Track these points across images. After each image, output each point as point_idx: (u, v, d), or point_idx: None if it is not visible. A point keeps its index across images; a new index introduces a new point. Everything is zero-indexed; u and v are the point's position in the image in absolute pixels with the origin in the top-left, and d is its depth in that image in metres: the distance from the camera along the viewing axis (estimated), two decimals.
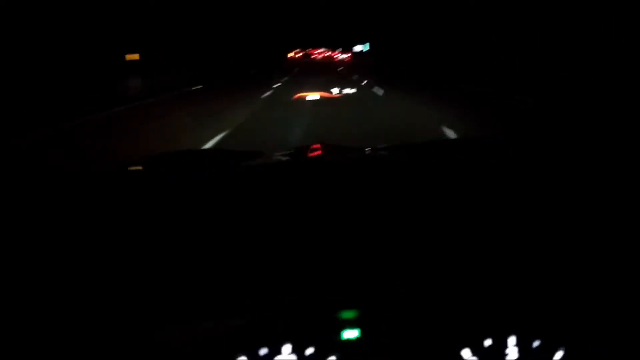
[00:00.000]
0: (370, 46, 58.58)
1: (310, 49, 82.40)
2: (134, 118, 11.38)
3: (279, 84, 19.23)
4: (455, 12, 28.36)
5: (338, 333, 0.72)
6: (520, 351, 0.73)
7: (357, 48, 62.65)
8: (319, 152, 1.73)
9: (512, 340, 0.73)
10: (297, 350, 0.72)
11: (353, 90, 11.26)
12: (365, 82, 19.17)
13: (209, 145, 7.21)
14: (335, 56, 69.10)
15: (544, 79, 15.65)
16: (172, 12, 23.52)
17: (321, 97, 10.89)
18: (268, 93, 14.78)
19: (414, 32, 36.72)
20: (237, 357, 0.71)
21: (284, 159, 1.74)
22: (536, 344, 0.73)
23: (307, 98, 10.88)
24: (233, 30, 38.73)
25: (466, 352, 0.73)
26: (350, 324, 0.73)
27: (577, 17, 16.89)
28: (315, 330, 0.73)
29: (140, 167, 1.77)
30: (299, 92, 11.50)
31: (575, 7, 16.88)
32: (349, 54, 63.37)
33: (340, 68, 33.30)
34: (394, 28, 41.80)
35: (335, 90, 11.25)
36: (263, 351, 0.71)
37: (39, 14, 16.39)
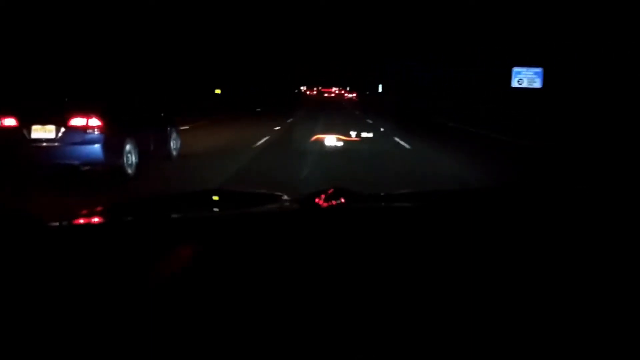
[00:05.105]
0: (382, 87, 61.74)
1: (323, 87, 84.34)
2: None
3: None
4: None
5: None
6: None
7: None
8: (333, 202, 1.74)
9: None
10: None
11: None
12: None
13: None
14: (345, 95, 71.09)
15: None
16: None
17: (337, 139, 11.42)
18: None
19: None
20: None
21: (296, 206, 1.75)
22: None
23: (325, 142, 11.33)
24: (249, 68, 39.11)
25: None
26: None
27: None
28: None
29: (152, 205, 1.79)
30: (316, 134, 11.99)
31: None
32: (355, 94, 66.65)
33: (353, 109, 34.22)
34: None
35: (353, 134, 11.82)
36: None
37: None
